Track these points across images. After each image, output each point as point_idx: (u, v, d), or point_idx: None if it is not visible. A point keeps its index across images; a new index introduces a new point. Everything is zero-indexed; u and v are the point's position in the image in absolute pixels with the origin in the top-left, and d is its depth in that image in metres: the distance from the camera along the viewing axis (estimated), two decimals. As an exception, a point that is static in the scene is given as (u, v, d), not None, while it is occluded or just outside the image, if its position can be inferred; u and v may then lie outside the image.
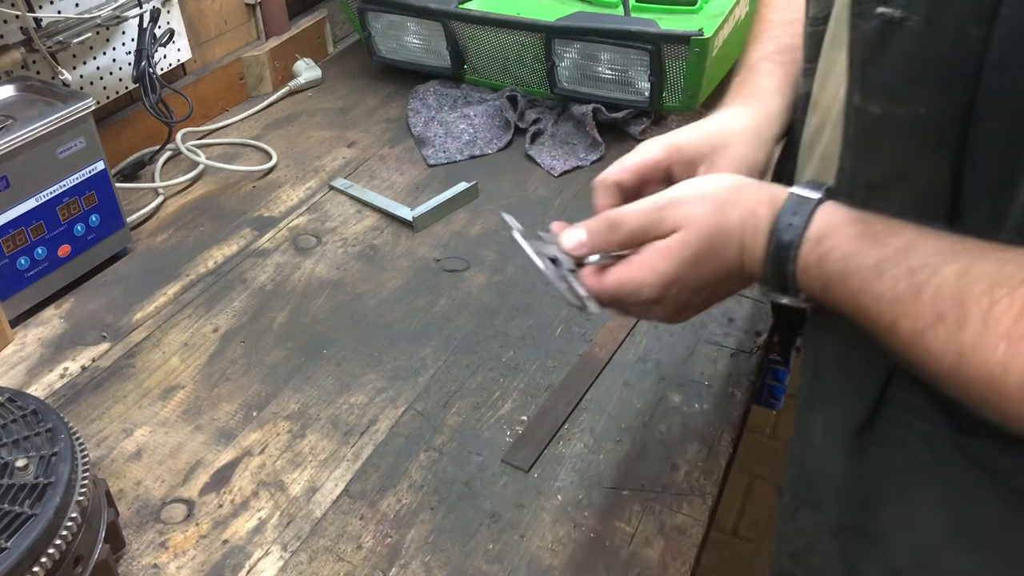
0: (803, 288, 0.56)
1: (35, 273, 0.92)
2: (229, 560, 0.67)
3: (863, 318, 0.52)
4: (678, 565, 0.66)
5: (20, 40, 0.99)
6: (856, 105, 0.53)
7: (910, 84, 0.49)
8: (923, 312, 0.48)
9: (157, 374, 0.85)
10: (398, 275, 0.98)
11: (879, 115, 0.52)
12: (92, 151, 0.95)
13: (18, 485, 0.57)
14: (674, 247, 0.60)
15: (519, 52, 1.23)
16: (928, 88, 0.49)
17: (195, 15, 1.28)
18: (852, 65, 0.53)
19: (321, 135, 1.26)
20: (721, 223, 0.58)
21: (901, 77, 0.50)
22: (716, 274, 0.60)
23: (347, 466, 0.75)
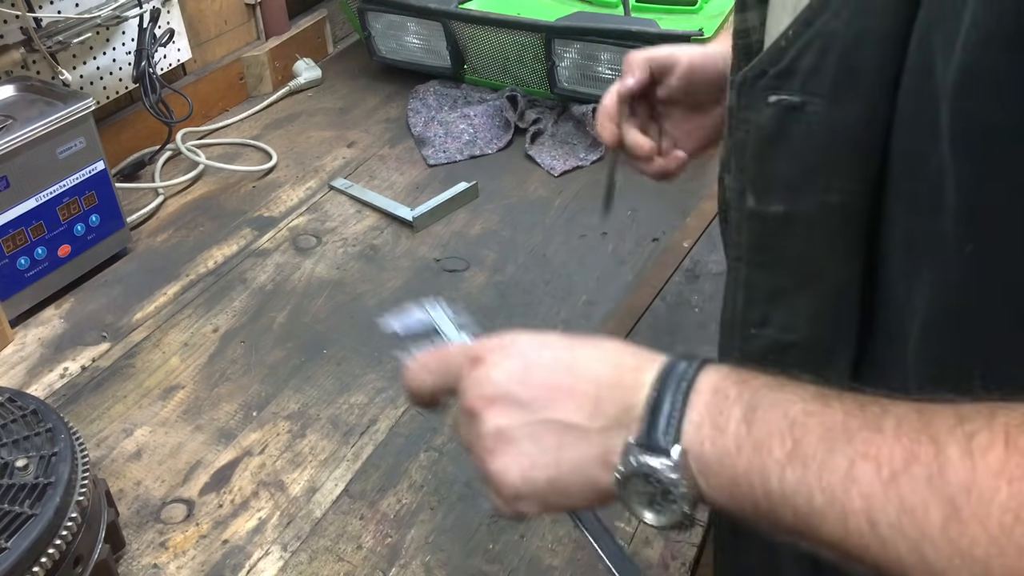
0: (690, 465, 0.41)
1: (35, 273, 0.92)
2: (229, 560, 0.67)
3: (789, 491, 0.38)
4: (678, 565, 0.66)
5: (20, 40, 0.99)
6: (751, 210, 0.48)
7: (819, 170, 0.44)
8: (890, 453, 0.36)
9: (157, 374, 0.85)
10: (398, 275, 0.98)
11: (781, 214, 0.47)
12: (92, 151, 0.95)
13: (18, 485, 0.57)
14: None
15: (519, 52, 1.23)
16: (840, 172, 0.44)
17: (195, 15, 1.28)
18: (742, 165, 0.48)
19: (321, 135, 1.26)
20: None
21: (808, 167, 0.45)
22: (563, 380, 0.45)
23: (347, 466, 0.75)
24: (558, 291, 0.94)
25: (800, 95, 0.43)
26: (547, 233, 1.03)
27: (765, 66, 0.44)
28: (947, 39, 0.37)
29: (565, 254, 1.00)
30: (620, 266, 0.97)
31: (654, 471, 0.40)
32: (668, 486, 0.40)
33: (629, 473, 0.41)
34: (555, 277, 0.96)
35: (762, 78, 0.44)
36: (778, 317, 0.49)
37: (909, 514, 0.35)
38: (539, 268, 0.98)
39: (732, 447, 0.40)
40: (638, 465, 0.41)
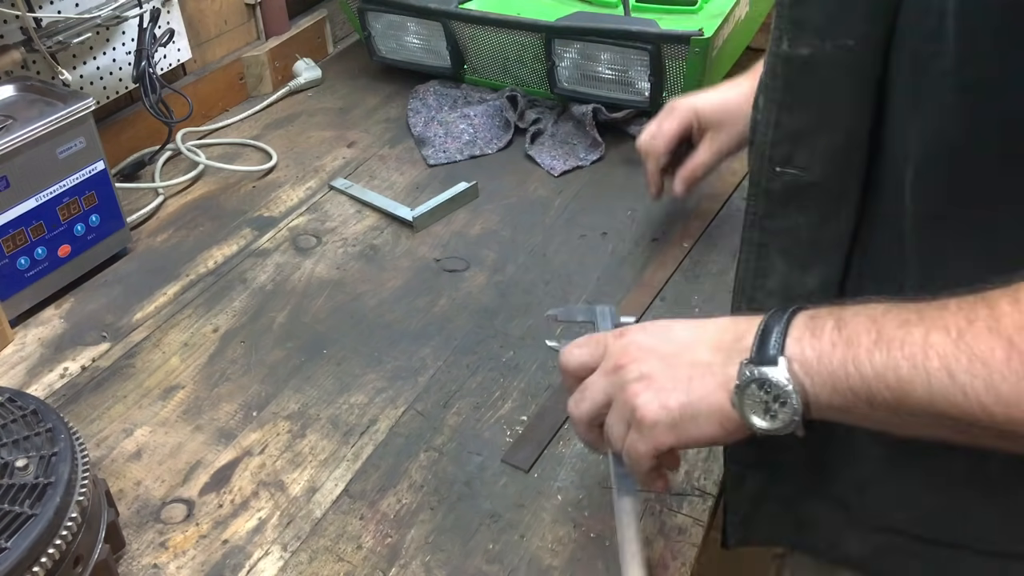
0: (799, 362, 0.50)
1: (35, 273, 0.92)
2: (229, 560, 0.67)
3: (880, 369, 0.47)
4: (678, 565, 0.66)
5: (20, 40, 0.99)
6: (784, 53, 0.55)
7: (840, 17, 0.52)
8: (955, 319, 0.45)
9: (157, 374, 0.85)
10: (398, 275, 0.98)
11: (807, 56, 0.54)
12: (92, 151, 0.95)
13: (18, 485, 0.57)
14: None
15: (519, 52, 1.23)
16: (856, 20, 0.51)
17: (195, 15, 1.28)
18: (780, 11, 0.55)
19: (321, 135, 1.26)
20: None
21: (831, 12, 0.52)
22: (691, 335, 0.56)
23: (347, 466, 0.75)
24: (558, 291, 0.94)
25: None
26: (547, 233, 1.03)
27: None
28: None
29: (565, 254, 1.00)
30: (620, 266, 0.97)
31: (766, 377, 0.49)
32: (779, 389, 0.49)
33: (745, 384, 0.50)
34: (555, 277, 0.96)
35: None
36: (799, 157, 0.56)
37: (979, 359, 0.43)
38: (539, 268, 0.98)
39: (828, 346, 0.49)
40: (752, 375, 0.50)
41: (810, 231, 0.59)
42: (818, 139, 0.56)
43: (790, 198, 0.58)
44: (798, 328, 0.51)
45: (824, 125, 0.55)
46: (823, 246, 0.59)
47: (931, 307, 0.46)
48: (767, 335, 0.51)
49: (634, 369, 0.55)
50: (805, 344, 0.50)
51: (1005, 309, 0.43)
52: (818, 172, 0.56)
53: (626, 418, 0.56)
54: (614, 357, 0.57)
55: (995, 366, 0.42)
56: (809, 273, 0.60)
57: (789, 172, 0.57)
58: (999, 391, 0.42)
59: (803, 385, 0.49)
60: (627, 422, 0.56)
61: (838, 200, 0.57)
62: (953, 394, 0.44)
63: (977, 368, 0.43)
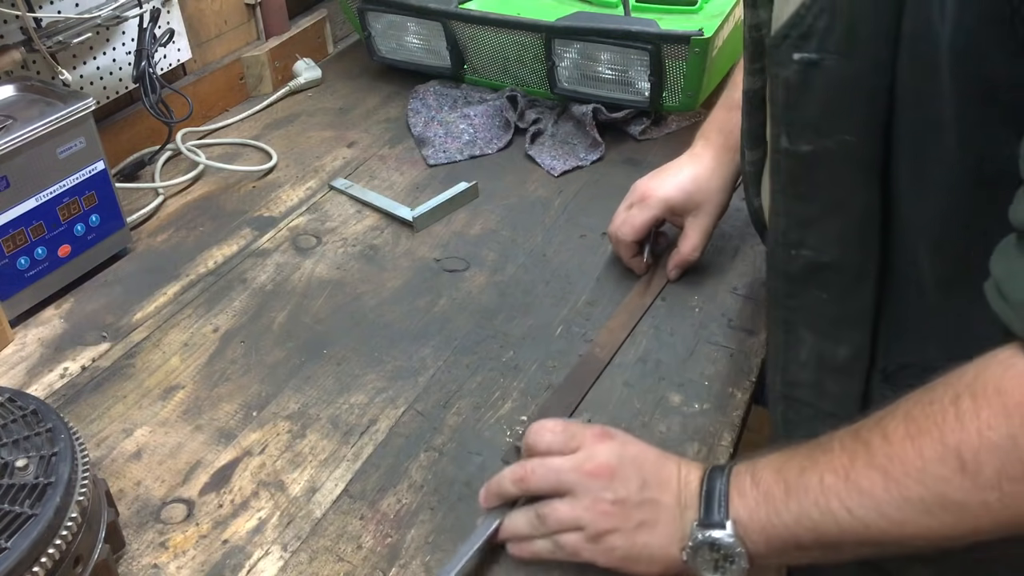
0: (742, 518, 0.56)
1: (35, 273, 0.92)
2: (229, 560, 0.67)
3: (796, 518, 0.53)
4: (678, 565, 0.66)
5: (20, 40, 0.99)
6: (784, 149, 0.57)
7: (837, 117, 0.54)
8: (840, 460, 0.52)
9: (157, 374, 0.85)
10: (398, 275, 0.98)
11: (808, 152, 0.56)
12: (92, 151, 0.95)
13: (18, 485, 0.57)
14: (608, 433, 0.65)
15: (519, 52, 1.23)
16: (854, 117, 0.53)
17: (195, 15, 1.28)
18: (776, 111, 0.57)
19: (321, 135, 1.26)
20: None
21: (827, 112, 0.54)
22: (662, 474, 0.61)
23: (347, 466, 0.75)
24: (558, 291, 0.94)
25: (817, 53, 0.52)
26: (547, 233, 1.03)
27: (788, 30, 0.53)
28: (941, 3, 0.45)
29: (565, 254, 1.00)
30: (620, 266, 0.97)
31: (716, 540, 0.55)
32: (729, 550, 0.55)
33: (698, 546, 0.56)
34: (555, 277, 0.96)
35: (787, 39, 0.53)
36: (812, 240, 0.59)
37: (866, 493, 0.50)
38: (539, 268, 0.98)
39: (752, 503, 0.55)
40: (703, 538, 0.56)
41: (834, 306, 0.61)
42: (829, 223, 0.58)
43: (808, 277, 0.60)
44: (732, 488, 0.57)
45: (834, 211, 0.57)
46: (849, 319, 0.61)
47: (819, 450, 0.53)
48: (711, 496, 0.57)
49: (612, 489, 0.60)
50: (737, 505, 0.56)
51: (876, 443, 0.50)
52: (834, 252, 0.58)
53: (585, 526, 0.60)
54: (593, 461, 0.61)
55: (878, 495, 0.49)
56: (840, 344, 0.62)
57: (804, 254, 0.60)
58: (888, 516, 0.49)
59: (744, 542, 0.55)
60: (583, 528, 0.60)
61: (857, 276, 0.58)
62: (855, 527, 0.51)
63: (866, 501, 0.50)
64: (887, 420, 0.51)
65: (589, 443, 0.63)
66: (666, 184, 0.90)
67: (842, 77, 0.52)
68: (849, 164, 0.55)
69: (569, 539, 0.61)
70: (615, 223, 0.92)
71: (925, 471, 0.48)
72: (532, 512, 0.63)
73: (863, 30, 0.50)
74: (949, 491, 0.47)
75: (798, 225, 0.59)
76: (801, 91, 0.54)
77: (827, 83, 0.53)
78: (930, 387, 0.50)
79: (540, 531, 0.62)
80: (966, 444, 0.46)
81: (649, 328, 0.88)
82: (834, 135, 0.54)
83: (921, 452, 0.48)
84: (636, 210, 0.90)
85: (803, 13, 0.52)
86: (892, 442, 0.50)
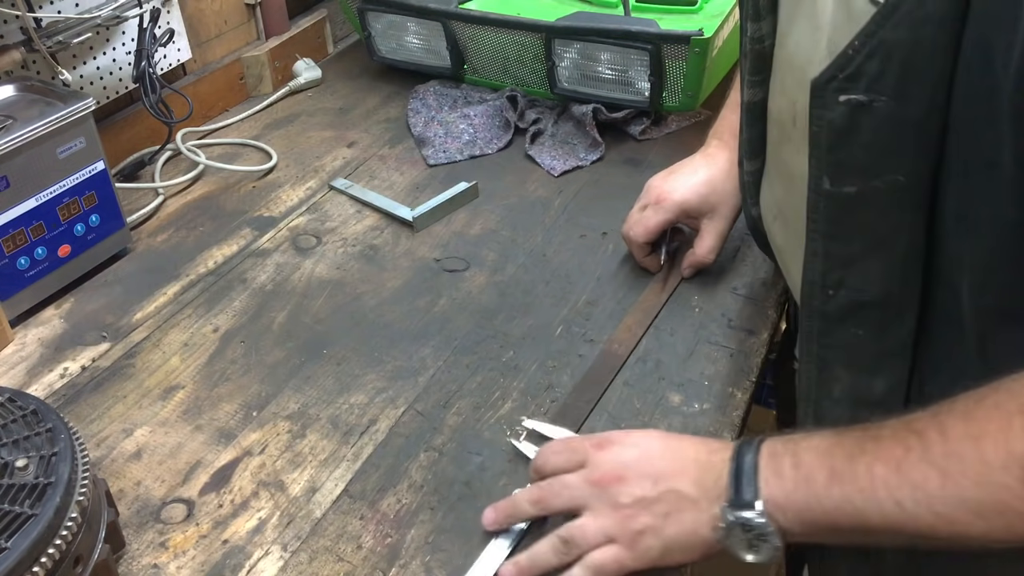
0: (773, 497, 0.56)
1: (35, 273, 0.92)
2: (229, 560, 0.67)
3: (838, 503, 0.53)
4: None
5: (20, 40, 0.99)
6: (826, 190, 0.56)
7: (887, 158, 0.53)
8: (890, 451, 0.51)
9: (157, 374, 0.85)
10: (398, 275, 0.98)
11: (853, 193, 0.55)
12: (92, 151, 0.95)
13: (18, 485, 0.57)
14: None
15: (519, 52, 1.23)
16: (906, 157, 0.52)
17: (195, 15, 1.28)
18: (819, 153, 0.55)
19: (321, 135, 1.26)
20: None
21: (877, 153, 0.53)
22: (674, 463, 0.61)
23: (347, 466, 0.75)
24: (558, 291, 0.94)
25: (867, 94, 0.50)
26: (547, 233, 1.03)
27: (835, 71, 0.51)
28: (1008, 40, 0.44)
29: (565, 254, 1.00)
30: (620, 266, 0.97)
31: (747, 521, 0.55)
32: (760, 530, 0.55)
33: (729, 527, 0.56)
34: (555, 277, 0.96)
35: (833, 81, 0.52)
36: (852, 280, 0.58)
37: (919, 488, 0.49)
38: (539, 268, 0.98)
39: (791, 485, 0.55)
40: (735, 520, 0.56)
41: (872, 343, 0.60)
42: (871, 262, 0.57)
43: (846, 316, 0.60)
44: (765, 468, 0.56)
45: (877, 249, 0.56)
46: (887, 353, 0.60)
47: (868, 437, 0.53)
48: (740, 477, 0.57)
49: (626, 492, 0.60)
50: (773, 486, 0.55)
51: (933, 437, 0.50)
52: (874, 291, 0.57)
53: (616, 535, 0.60)
54: (599, 470, 0.62)
55: (932, 492, 0.49)
56: (876, 380, 0.61)
57: (843, 294, 0.59)
58: (939, 512, 0.49)
59: (778, 522, 0.55)
60: (614, 538, 0.60)
61: (898, 312, 0.58)
62: (902, 518, 0.50)
63: (919, 496, 0.49)
64: (944, 416, 0.50)
65: (591, 455, 0.63)
66: (681, 186, 0.90)
67: (893, 120, 0.51)
68: (897, 204, 0.54)
69: (607, 555, 0.60)
70: (628, 223, 0.93)
71: (986, 476, 0.47)
72: (555, 539, 0.62)
73: (917, 75, 0.49)
74: (1009, 499, 0.47)
75: (839, 266, 0.58)
76: (848, 133, 0.53)
77: (877, 125, 0.52)
78: (992, 389, 0.50)
79: (570, 555, 0.61)
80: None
81: (652, 328, 0.88)
82: (883, 176, 0.53)
83: (983, 455, 0.47)
84: (651, 212, 0.90)
85: (852, 55, 0.50)
86: (950, 439, 0.49)
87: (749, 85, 0.71)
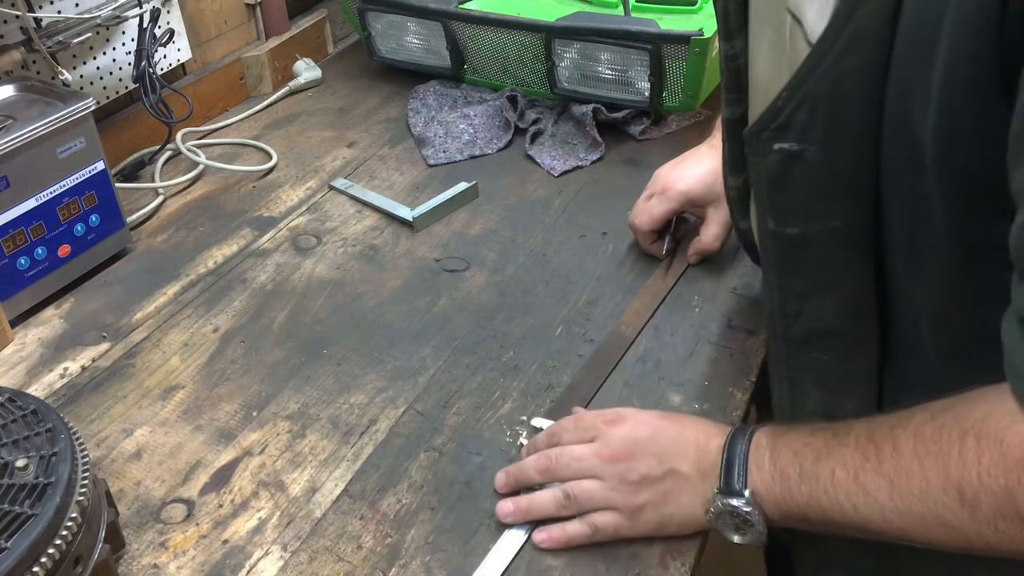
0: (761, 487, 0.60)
1: (35, 273, 0.92)
2: (229, 560, 0.67)
3: (807, 500, 0.58)
4: (678, 565, 0.66)
5: (20, 40, 0.99)
6: (772, 230, 0.58)
7: (822, 203, 0.54)
8: (852, 458, 0.55)
9: (157, 374, 0.85)
10: (398, 275, 0.98)
11: (796, 234, 0.57)
12: (92, 151, 0.95)
13: (18, 485, 0.57)
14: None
15: (519, 52, 1.23)
16: (840, 203, 0.54)
17: (195, 15, 1.28)
18: (760, 196, 0.57)
19: (321, 135, 1.26)
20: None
21: (812, 199, 0.54)
22: (677, 444, 0.65)
23: (347, 466, 0.75)
24: (558, 291, 0.94)
25: (798, 144, 0.52)
26: (547, 233, 1.03)
27: (767, 121, 0.53)
28: (923, 95, 0.45)
29: (565, 254, 1.00)
30: (620, 266, 0.97)
31: (735, 508, 0.60)
32: (746, 516, 0.60)
33: (718, 512, 0.61)
34: (555, 277, 0.96)
35: (765, 131, 0.53)
36: (809, 311, 0.60)
37: (872, 496, 0.54)
38: (539, 268, 0.98)
39: (768, 478, 0.59)
40: (723, 506, 0.60)
41: (838, 367, 0.62)
42: (824, 297, 0.59)
43: (810, 342, 0.62)
44: (751, 460, 0.61)
45: (828, 286, 0.58)
46: (853, 377, 0.62)
47: (836, 441, 0.57)
48: (731, 467, 0.61)
49: (634, 469, 0.64)
50: (755, 477, 0.60)
51: (887, 451, 0.53)
52: (833, 321, 0.60)
53: (619, 506, 0.64)
54: (610, 447, 0.65)
55: (883, 502, 0.53)
56: (846, 399, 0.63)
57: (802, 323, 0.61)
58: (889, 520, 0.53)
59: (761, 509, 0.60)
60: (617, 509, 0.64)
61: (858, 342, 0.60)
62: (860, 520, 0.55)
63: (871, 503, 0.54)
64: (899, 431, 0.53)
65: (603, 430, 0.66)
66: (686, 176, 0.92)
67: (824, 168, 0.52)
68: (838, 247, 0.55)
69: (607, 520, 0.65)
70: (635, 211, 0.95)
71: (928, 493, 0.51)
72: (559, 492, 0.66)
73: (844, 125, 0.50)
74: (948, 517, 0.50)
75: (794, 297, 0.61)
76: (783, 179, 0.54)
77: (810, 172, 0.53)
78: (943, 407, 0.52)
79: (570, 510, 0.65)
80: (967, 482, 0.49)
81: (649, 328, 0.88)
82: (820, 220, 0.55)
83: (926, 475, 0.51)
84: (656, 201, 0.93)
85: (780, 105, 0.52)
86: (901, 455, 0.52)
87: (727, 103, 0.71)
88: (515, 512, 0.67)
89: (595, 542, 0.66)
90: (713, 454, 0.63)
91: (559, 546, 0.66)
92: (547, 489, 0.67)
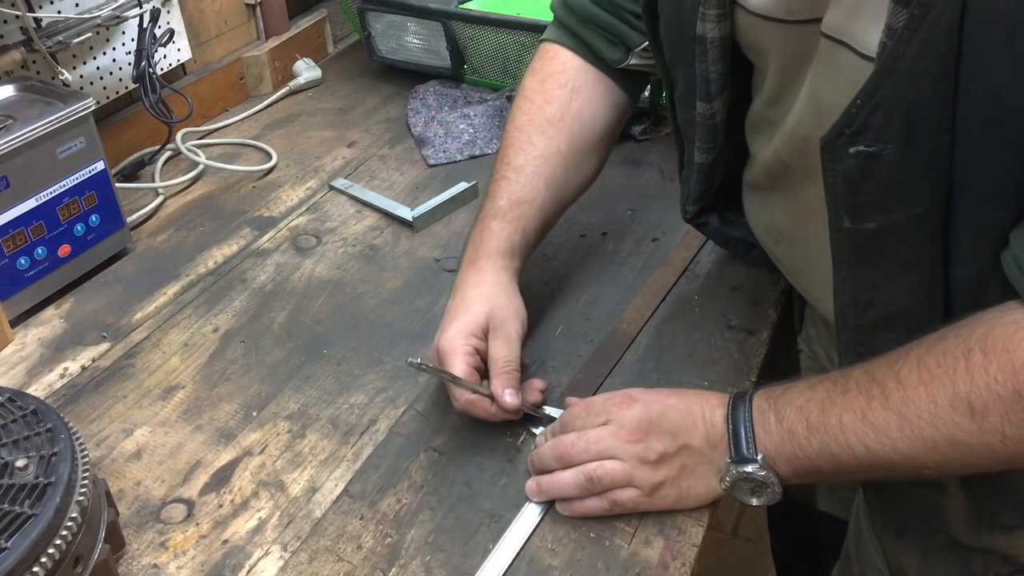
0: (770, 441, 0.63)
1: (35, 273, 0.92)
2: (229, 560, 0.67)
3: (818, 451, 0.61)
4: (678, 565, 0.66)
5: (20, 40, 0.99)
6: (847, 229, 0.60)
7: (903, 196, 0.57)
8: (856, 401, 0.58)
9: (157, 374, 0.85)
10: (398, 275, 0.98)
11: (874, 228, 0.59)
12: (92, 151, 0.95)
13: (18, 485, 0.57)
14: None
15: (519, 52, 1.23)
16: (920, 193, 0.56)
17: (195, 15, 1.28)
18: (834, 198, 0.60)
19: (321, 135, 1.26)
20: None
21: (891, 194, 0.57)
22: (686, 419, 0.67)
23: (347, 466, 0.75)
24: (558, 291, 0.94)
25: (876, 144, 0.55)
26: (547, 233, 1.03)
27: (842, 128, 0.55)
28: (1011, 70, 0.48)
29: (565, 254, 1.00)
30: (620, 266, 0.97)
31: (749, 474, 0.63)
32: (761, 479, 0.63)
33: (733, 480, 0.64)
34: (555, 277, 0.96)
35: (840, 137, 0.56)
36: (881, 298, 0.63)
37: (882, 431, 0.57)
38: (539, 268, 0.98)
39: (778, 439, 0.62)
40: (737, 474, 0.64)
41: (907, 341, 0.63)
42: (897, 282, 0.61)
43: (880, 327, 0.64)
44: (756, 424, 0.63)
45: (901, 271, 0.61)
46: None
47: (837, 390, 0.60)
48: (738, 435, 0.64)
49: (652, 448, 0.66)
50: (763, 440, 0.63)
51: (891, 386, 0.57)
52: (905, 302, 0.62)
53: (640, 485, 0.66)
54: (625, 428, 0.67)
55: (893, 434, 0.56)
56: None
57: (874, 310, 0.64)
58: (901, 451, 0.56)
59: (774, 470, 0.63)
60: (637, 487, 0.67)
61: (929, 312, 0.62)
62: (870, 459, 0.58)
63: (882, 438, 0.57)
64: (900, 365, 0.57)
65: (615, 412, 0.68)
66: (467, 316, 0.76)
67: (902, 164, 0.55)
68: (916, 231, 0.58)
69: (628, 496, 0.67)
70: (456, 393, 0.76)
71: (937, 416, 0.54)
72: (580, 475, 0.67)
73: (921, 123, 0.53)
74: (958, 433, 0.54)
75: (867, 287, 0.63)
76: (861, 180, 0.57)
77: (889, 169, 0.55)
78: (940, 336, 0.56)
79: (593, 492, 0.67)
80: (975, 395, 0.53)
81: (649, 328, 0.88)
82: (900, 211, 0.57)
83: (934, 398, 0.54)
84: (455, 340, 0.75)
85: (855, 111, 0.54)
86: (907, 386, 0.56)
87: (700, 151, 0.78)
88: (538, 492, 0.69)
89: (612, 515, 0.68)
90: (719, 425, 0.65)
91: (578, 516, 0.69)
92: (569, 471, 0.68)
